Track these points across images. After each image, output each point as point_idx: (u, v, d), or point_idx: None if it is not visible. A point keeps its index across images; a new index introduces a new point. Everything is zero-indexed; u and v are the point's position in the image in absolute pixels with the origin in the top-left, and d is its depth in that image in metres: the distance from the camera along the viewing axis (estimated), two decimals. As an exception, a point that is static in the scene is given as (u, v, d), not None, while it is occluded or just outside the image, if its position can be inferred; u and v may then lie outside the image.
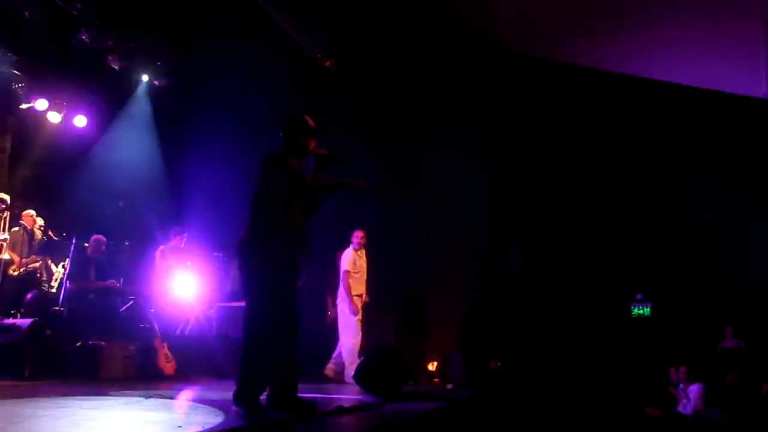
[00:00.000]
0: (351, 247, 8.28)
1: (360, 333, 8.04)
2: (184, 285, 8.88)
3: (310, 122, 4.70)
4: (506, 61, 12.37)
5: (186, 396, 5.57)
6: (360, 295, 8.22)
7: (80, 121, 9.36)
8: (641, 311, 11.99)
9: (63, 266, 8.10)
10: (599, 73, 11.96)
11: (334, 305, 8.47)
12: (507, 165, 12.22)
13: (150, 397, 5.25)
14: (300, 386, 4.57)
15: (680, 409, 8.29)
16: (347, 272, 8.10)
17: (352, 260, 8.20)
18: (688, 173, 11.78)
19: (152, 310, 8.21)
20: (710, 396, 7.88)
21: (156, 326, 7.94)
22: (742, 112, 11.53)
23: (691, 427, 7.00)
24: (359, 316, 8.07)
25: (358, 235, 8.35)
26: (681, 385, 9.38)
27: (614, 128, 12.05)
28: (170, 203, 10.13)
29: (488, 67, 12.62)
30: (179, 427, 3.56)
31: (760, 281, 11.07)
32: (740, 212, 11.49)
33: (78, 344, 7.32)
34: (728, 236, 11.51)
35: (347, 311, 7.98)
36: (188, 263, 9.07)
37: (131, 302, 8.31)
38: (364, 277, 8.31)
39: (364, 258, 8.39)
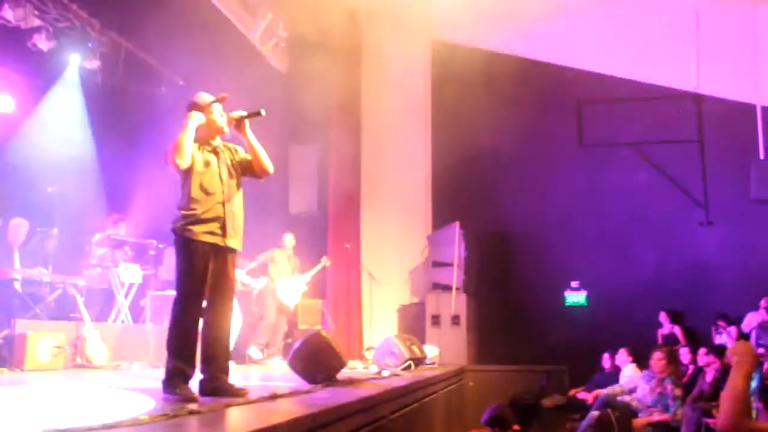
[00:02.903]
0: None
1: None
2: (120, 273, 8.70)
3: (201, 101, 4.55)
4: (446, 50, 12.47)
5: (116, 384, 5.44)
6: None
7: (6, 103, 9.00)
8: (576, 299, 12.18)
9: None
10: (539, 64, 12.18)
11: None
12: (448, 153, 12.29)
13: (80, 385, 5.12)
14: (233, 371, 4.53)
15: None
16: None
17: None
18: (623, 162, 12.05)
19: (83, 299, 7.99)
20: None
21: (86, 315, 7.73)
22: (671, 104, 11.87)
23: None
24: None
25: None
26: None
27: (550, 118, 12.26)
28: (104, 189, 9.86)
29: (427, 55, 12.73)
30: (109, 414, 3.47)
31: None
32: (667, 202, 11.84)
33: (2, 334, 7.07)
34: (664, 227, 11.84)
35: None
36: (124, 250, 8.88)
37: (60, 291, 8.06)
38: None
39: None
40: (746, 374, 2.64)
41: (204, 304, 4.37)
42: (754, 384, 2.74)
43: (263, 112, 4.59)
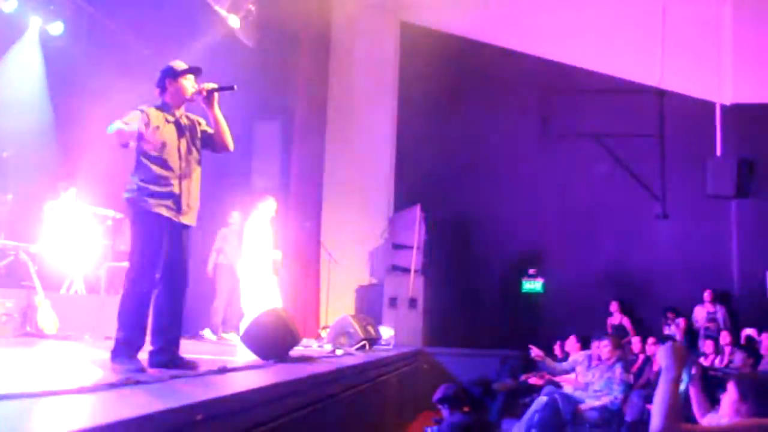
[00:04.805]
0: None
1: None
2: (73, 242, 8.54)
3: (177, 66, 4.51)
4: (415, 32, 12.45)
5: (65, 354, 5.37)
6: None
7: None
8: (532, 286, 12.30)
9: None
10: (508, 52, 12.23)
11: None
12: (413, 135, 12.32)
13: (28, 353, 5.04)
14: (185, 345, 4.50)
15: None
16: None
17: None
18: (585, 153, 12.18)
19: (36, 267, 7.84)
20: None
21: (38, 284, 7.59)
22: (634, 98, 12.02)
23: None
24: None
25: None
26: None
27: (515, 106, 12.33)
28: (60, 156, 9.65)
29: (396, 36, 12.70)
30: (54, 382, 3.43)
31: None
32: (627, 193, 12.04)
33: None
34: (621, 219, 12.03)
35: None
36: (78, 219, 8.71)
37: (11, 257, 7.90)
38: None
39: None
40: (674, 379, 2.70)
41: (157, 276, 4.32)
42: (683, 387, 2.79)
43: (235, 87, 4.55)
